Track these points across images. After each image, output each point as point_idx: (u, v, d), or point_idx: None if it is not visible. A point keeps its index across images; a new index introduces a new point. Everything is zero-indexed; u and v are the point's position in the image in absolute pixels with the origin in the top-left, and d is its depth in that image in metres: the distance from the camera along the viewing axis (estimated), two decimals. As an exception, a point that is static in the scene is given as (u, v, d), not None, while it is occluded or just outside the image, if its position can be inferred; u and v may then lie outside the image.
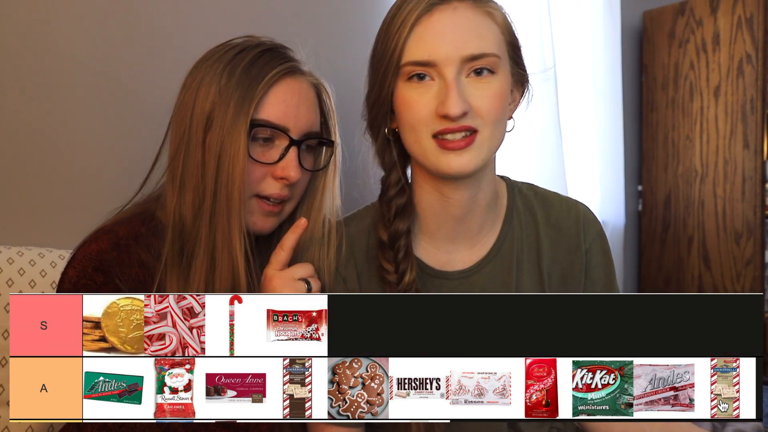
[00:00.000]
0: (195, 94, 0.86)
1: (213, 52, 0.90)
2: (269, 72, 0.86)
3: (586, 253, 0.95)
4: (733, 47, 2.19)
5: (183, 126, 0.86)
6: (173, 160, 0.87)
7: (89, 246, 0.84)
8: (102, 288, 0.82)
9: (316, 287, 0.86)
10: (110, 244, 0.84)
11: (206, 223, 0.84)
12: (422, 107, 0.81)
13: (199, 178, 0.84)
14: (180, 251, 0.85)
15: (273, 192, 0.88)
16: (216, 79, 0.85)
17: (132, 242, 0.86)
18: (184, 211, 0.85)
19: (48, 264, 1.10)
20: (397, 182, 0.89)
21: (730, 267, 2.22)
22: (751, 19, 2.14)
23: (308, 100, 0.90)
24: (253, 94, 0.84)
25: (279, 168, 0.87)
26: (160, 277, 0.84)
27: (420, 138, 0.82)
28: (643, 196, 2.49)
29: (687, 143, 2.33)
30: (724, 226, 2.23)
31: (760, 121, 2.14)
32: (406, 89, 0.82)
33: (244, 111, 0.84)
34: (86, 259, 0.83)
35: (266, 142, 0.87)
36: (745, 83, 2.16)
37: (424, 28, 0.81)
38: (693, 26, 2.30)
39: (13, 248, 1.10)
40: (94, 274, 0.82)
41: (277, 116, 0.86)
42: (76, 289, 0.82)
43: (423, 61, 0.80)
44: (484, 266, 0.92)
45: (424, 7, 0.81)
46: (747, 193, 2.17)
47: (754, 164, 2.15)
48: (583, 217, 0.97)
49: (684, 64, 2.33)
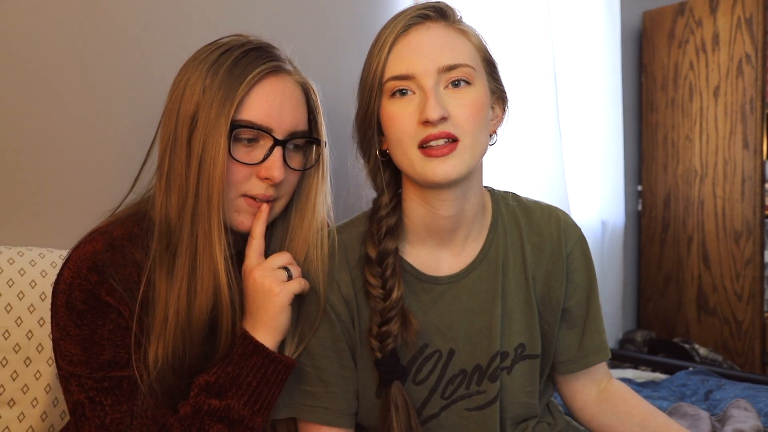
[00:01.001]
0: (181, 95, 0.86)
1: (200, 52, 0.89)
2: (251, 72, 0.85)
3: (568, 257, 0.99)
4: (732, 47, 2.19)
5: (170, 126, 0.86)
6: (161, 160, 0.88)
7: (84, 247, 0.85)
8: (96, 288, 0.82)
9: (297, 273, 0.88)
10: (104, 244, 0.84)
11: (188, 222, 0.84)
12: (406, 119, 0.85)
13: (183, 179, 0.84)
14: (166, 248, 0.86)
15: (258, 192, 0.88)
16: (201, 80, 0.85)
17: (126, 242, 0.86)
18: (170, 211, 0.86)
19: (48, 264, 1.10)
20: (388, 203, 0.92)
21: (729, 267, 2.22)
22: (750, 20, 2.15)
23: (293, 99, 0.90)
24: (235, 94, 0.84)
25: (263, 168, 0.87)
26: (149, 273, 0.85)
27: (406, 149, 0.86)
28: (643, 196, 2.49)
29: (687, 143, 2.34)
30: (724, 226, 2.24)
31: (760, 121, 2.14)
32: (390, 105, 0.87)
33: (225, 112, 0.83)
34: (81, 260, 0.83)
35: (250, 143, 0.87)
36: (745, 83, 2.17)
37: (402, 46, 0.87)
38: (692, 26, 2.30)
39: (13, 248, 1.10)
40: (89, 274, 0.82)
41: (259, 116, 0.86)
42: (71, 289, 0.82)
43: (402, 75, 0.86)
44: (471, 271, 0.95)
45: (401, 28, 0.88)
46: (746, 193, 2.17)
47: (753, 164, 2.15)
48: (564, 223, 1.01)
49: (683, 64, 2.33)
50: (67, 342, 0.82)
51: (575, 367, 1.01)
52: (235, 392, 0.83)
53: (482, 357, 0.94)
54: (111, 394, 0.82)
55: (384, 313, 0.89)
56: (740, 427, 1.13)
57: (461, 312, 0.94)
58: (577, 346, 1.01)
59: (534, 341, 0.97)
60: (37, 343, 1.06)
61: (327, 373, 0.92)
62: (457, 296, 0.94)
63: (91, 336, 0.82)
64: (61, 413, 1.08)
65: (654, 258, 2.45)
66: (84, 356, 0.82)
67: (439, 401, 0.94)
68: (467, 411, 0.94)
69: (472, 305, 0.95)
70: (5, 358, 1.04)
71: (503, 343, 0.95)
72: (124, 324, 0.83)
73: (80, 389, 0.82)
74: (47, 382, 1.07)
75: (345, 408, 0.92)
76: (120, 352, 0.83)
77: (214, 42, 0.90)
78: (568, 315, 1.00)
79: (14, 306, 1.04)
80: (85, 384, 0.82)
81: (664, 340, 2.29)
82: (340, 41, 1.58)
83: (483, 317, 0.94)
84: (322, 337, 0.92)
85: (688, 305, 2.34)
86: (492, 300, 0.94)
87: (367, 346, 0.92)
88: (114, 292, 0.83)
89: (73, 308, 0.82)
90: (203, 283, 0.84)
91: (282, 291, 0.84)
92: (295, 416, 0.92)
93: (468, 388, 0.94)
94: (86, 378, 0.82)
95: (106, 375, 0.82)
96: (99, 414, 0.82)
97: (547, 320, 0.99)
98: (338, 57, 1.57)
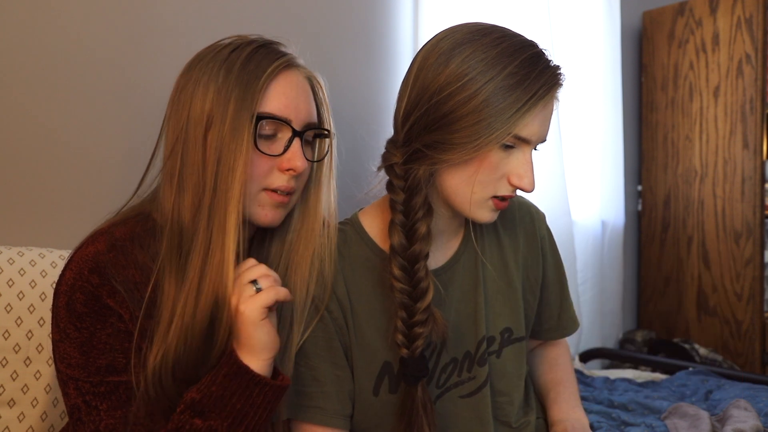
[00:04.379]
0: (191, 95, 0.86)
1: (205, 52, 0.89)
2: (268, 66, 0.86)
3: (542, 240, 1.07)
4: (732, 47, 2.19)
5: (179, 127, 0.86)
6: (169, 160, 0.87)
7: (86, 248, 0.84)
8: (98, 290, 0.82)
9: (268, 283, 0.82)
10: (107, 245, 0.84)
11: (204, 217, 0.83)
12: (501, 174, 0.87)
13: (199, 177, 0.84)
14: (177, 251, 0.85)
15: (281, 184, 0.88)
16: (213, 78, 0.85)
17: (128, 243, 0.86)
18: (183, 211, 0.85)
19: (48, 264, 1.10)
20: (423, 204, 0.88)
21: (729, 267, 2.22)
22: (750, 20, 2.15)
23: (305, 92, 0.91)
24: (255, 88, 0.84)
25: (285, 160, 0.87)
26: (156, 277, 0.84)
27: (482, 195, 0.88)
28: (643, 196, 2.49)
29: (686, 143, 2.34)
30: (724, 226, 2.24)
31: (760, 121, 2.14)
32: (499, 153, 0.86)
33: (246, 106, 0.83)
34: (83, 261, 0.83)
35: (269, 138, 0.87)
36: (745, 83, 2.17)
37: (538, 112, 0.85)
38: (692, 26, 2.30)
39: (13, 249, 1.10)
40: (90, 276, 0.82)
41: (279, 109, 0.86)
42: (73, 291, 0.82)
43: (534, 141, 0.87)
44: (454, 263, 0.99)
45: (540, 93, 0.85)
46: (746, 193, 2.17)
47: (753, 164, 2.15)
48: (533, 208, 1.09)
49: (683, 64, 2.33)
50: (66, 344, 0.82)
51: (555, 335, 1.13)
52: (219, 413, 0.80)
53: (470, 344, 0.97)
54: (107, 399, 0.82)
55: (416, 314, 0.87)
56: (740, 427, 1.13)
57: (449, 302, 0.96)
58: (556, 316, 1.11)
59: (519, 324, 1.01)
60: (37, 343, 1.05)
61: (321, 372, 0.91)
62: (444, 287, 0.96)
63: (90, 340, 0.82)
64: (61, 413, 1.08)
65: (654, 258, 2.45)
66: (82, 360, 0.81)
67: (434, 390, 0.96)
68: (460, 398, 0.97)
69: (458, 295, 0.98)
70: (5, 358, 1.04)
71: (489, 328, 0.98)
72: (123, 328, 0.83)
73: (77, 393, 0.82)
74: (47, 383, 1.07)
75: (339, 409, 0.92)
76: (118, 357, 0.82)
77: (215, 44, 0.90)
78: (546, 291, 1.09)
79: (14, 306, 1.04)
80: (82, 388, 0.82)
81: (664, 340, 2.30)
82: (341, 40, 1.58)
83: (468, 305, 0.98)
84: (316, 337, 0.92)
85: (688, 305, 2.34)
86: (475, 288, 0.98)
87: (368, 345, 0.92)
88: (115, 294, 0.82)
89: (73, 310, 0.82)
90: (211, 276, 0.83)
91: (248, 308, 0.80)
92: (289, 416, 0.92)
93: (460, 375, 0.97)
94: (83, 381, 0.81)
95: (103, 380, 0.82)
96: (94, 419, 0.81)
97: (528, 300, 1.05)
98: (338, 56, 1.57)
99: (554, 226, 1.21)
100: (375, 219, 0.98)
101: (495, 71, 0.82)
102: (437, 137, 0.84)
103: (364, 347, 0.93)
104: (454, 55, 0.84)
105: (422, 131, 0.86)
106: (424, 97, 0.85)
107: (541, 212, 1.10)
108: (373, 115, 1.60)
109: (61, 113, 1.20)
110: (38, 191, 1.18)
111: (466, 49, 0.84)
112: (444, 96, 0.83)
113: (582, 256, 2.06)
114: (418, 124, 0.86)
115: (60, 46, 1.19)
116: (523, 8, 1.77)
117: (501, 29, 0.87)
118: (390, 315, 0.92)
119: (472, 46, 0.84)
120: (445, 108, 0.83)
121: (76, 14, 1.21)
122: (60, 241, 1.17)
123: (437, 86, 0.84)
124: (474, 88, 0.82)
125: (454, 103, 0.83)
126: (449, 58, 0.84)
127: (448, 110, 0.83)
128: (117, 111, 1.25)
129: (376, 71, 1.64)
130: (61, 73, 1.19)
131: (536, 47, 0.86)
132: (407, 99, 0.88)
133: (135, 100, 1.26)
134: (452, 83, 0.83)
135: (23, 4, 1.15)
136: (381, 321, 0.93)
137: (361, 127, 1.46)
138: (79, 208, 1.20)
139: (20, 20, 1.15)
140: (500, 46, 0.83)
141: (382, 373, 0.93)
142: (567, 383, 1.10)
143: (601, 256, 2.16)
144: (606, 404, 1.33)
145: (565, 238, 1.88)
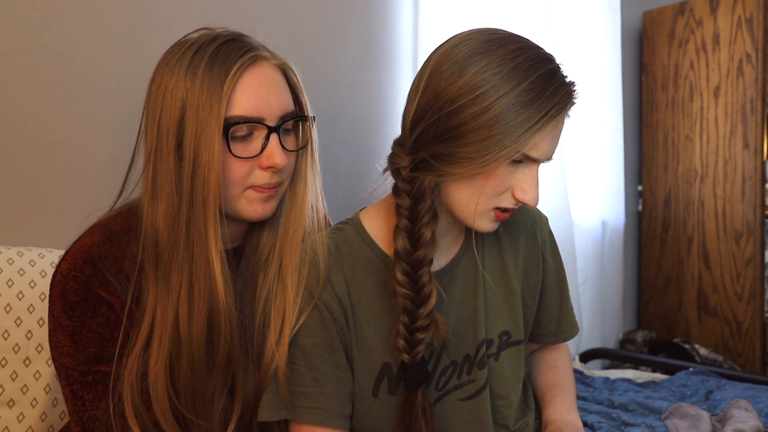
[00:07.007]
0: (161, 103, 0.84)
1: (170, 54, 0.87)
2: (232, 66, 0.84)
3: (543, 244, 1.06)
4: (732, 47, 2.19)
5: (152, 136, 0.85)
6: (145, 170, 0.87)
7: (83, 240, 0.86)
8: (90, 280, 0.83)
9: None
10: (102, 237, 0.86)
11: (183, 229, 0.83)
12: (505, 187, 0.86)
13: (174, 186, 0.83)
14: (155, 259, 0.85)
15: (264, 182, 0.88)
16: (180, 84, 0.83)
17: (124, 235, 0.87)
18: (157, 220, 0.84)
19: (48, 264, 1.10)
20: (428, 210, 0.87)
21: (730, 267, 2.22)
22: (751, 19, 2.14)
23: (276, 84, 0.89)
24: (221, 94, 0.83)
25: (264, 158, 0.86)
26: (140, 282, 0.84)
27: (486, 206, 0.87)
28: (643, 196, 2.49)
29: (687, 143, 2.34)
30: (724, 226, 2.23)
31: (760, 121, 2.14)
32: (510, 168, 0.85)
33: (215, 114, 0.82)
34: (78, 252, 0.84)
35: (245, 138, 0.86)
36: (745, 83, 2.16)
37: (549, 131, 0.84)
38: (693, 26, 2.30)
39: (13, 249, 1.10)
40: (84, 266, 0.83)
41: (249, 109, 0.85)
42: (66, 280, 0.83)
43: (543, 160, 0.86)
44: (455, 265, 0.98)
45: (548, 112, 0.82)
46: (747, 193, 2.17)
47: (754, 164, 2.15)
48: (536, 212, 1.08)
49: (684, 64, 2.33)
50: (59, 333, 0.84)
51: (554, 339, 1.11)
52: None
53: (470, 346, 0.97)
54: (93, 389, 0.83)
55: (418, 319, 0.87)
56: (741, 427, 1.13)
57: (450, 305, 0.96)
58: (556, 321, 1.10)
59: (517, 327, 1.01)
60: (36, 343, 1.05)
61: (321, 373, 0.91)
62: (444, 290, 0.96)
63: (81, 328, 0.83)
64: (61, 413, 1.08)
65: (654, 258, 2.45)
66: (72, 348, 0.83)
67: (434, 393, 0.96)
68: (460, 401, 0.96)
69: (458, 298, 0.97)
70: (5, 358, 1.04)
71: (488, 331, 0.98)
72: (114, 318, 0.84)
73: (66, 382, 0.84)
74: (47, 383, 1.07)
75: (339, 409, 0.92)
76: (107, 346, 0.83)
77: (181, 41, 0.88)
78: (545, 295, 1.07)
79: (14, 306, 1.04)
80: (71, 377, 0.83)
81: (665, 340, 2.29)
82: (341, 40, 1.58)
83: (468, 308, 0.97)
84: (316, 336, 0.91)
85: (689, 305, 2.34)
86: (474, 291, 0.98)
87: (368, 346, 0.92)
88: (108, 285, 0.83)
89: (66, 299, 0.83)
90: (200, 286, 0.83)
91: None
92: (289, 418, 0.92)
93: (459, 378, 0.96)
94: (73, 370, 0.83)
95: (91, 368, 0.83)
96: (79, 409, 0.83)
97: (527, 304, 1.04)
98: (338, 56, 1.57)
99: (554, 227, 1.21)
100: (377, 220, 0.97)
101: (509, 86, 0.79)
102: (445, 149, 0.83)
103: (363, 348, 0.92)
104: (468, 65, 0.81)
105: (430, 140, 0.84)
106: (435, 105, 0.83)
107: (543, 216, 1.09)
108: (373, 115, 1.60)
109: (61, 113, 1.20)
110: (38, 191, 1.18)
111: (481, 60, 0.81)
112: (455, 107, 0.81)
113: (582, 256, 2.06)
114: (427, 133, 0.84)
115: (60, 48, 1.19)
116: (524, 8, 1.77)
117: (518, 39, 0.85)
118: (390, 316, 0.92)
119: (488, 57, 0.81)
120: (455, 120, 0.81)
121: (72, 18, 1.20)
122: (60, 241, 1.17)
123: (449, 96, 0.81)
124: (486, 103, 0.79)
125: (465, 115, 0.81)
126: (463, 68, 0.81)
127: (459, 123, 0.81)
128: (118, 111, 1.25)
129: (376, 70, 1.64)
130: (62, 73, 1.19)
131: (553, 62, 0.84)
132: (417, 103, 0.86)
133: (137, 100, 1.26)
134: (465, 95, 0.80)
135: (14, 10, 1.15)
136: (381, 322, 0.93)
137: (363, 126, 1.46)
138: (79, 209, 1.20)
139: (13, 24, 1.15)
140: (516, 60, 0.81)
141: (381, 374, 0.93)
142: (564, 386, 1.10)
143: (602, 256, 2.16)
144: (606, 404, 1.33)
145: (565, 238, 1.88)
